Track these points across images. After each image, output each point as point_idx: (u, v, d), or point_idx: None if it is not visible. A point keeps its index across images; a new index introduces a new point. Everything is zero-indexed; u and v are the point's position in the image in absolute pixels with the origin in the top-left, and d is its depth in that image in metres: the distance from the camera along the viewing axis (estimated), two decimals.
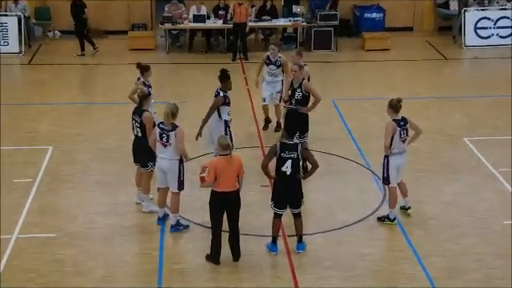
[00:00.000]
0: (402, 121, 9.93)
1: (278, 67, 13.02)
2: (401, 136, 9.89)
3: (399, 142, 9.91)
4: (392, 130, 9.82)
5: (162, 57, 18.80)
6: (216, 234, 9.24)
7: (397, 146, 9.90)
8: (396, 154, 9.93)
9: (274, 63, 13.04)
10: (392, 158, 9.96)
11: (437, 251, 9.68)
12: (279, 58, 13.05)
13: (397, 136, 9.85)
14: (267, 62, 13.11)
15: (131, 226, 10.27)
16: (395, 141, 9.86)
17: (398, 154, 9.96)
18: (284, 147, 9.16)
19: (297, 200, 9.39)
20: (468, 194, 11.26)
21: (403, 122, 9.92)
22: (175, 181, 9.76)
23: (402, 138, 9.92)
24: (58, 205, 10.86)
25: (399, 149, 9.94)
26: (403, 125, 9.90)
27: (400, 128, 9.85)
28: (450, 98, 15.67)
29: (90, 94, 15.83)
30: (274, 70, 13.07)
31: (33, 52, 18.63)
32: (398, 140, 9.88)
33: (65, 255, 9.50)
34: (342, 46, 19.47)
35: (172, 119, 9.57)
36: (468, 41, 19.45)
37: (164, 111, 9.59)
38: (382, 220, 10.34)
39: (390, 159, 9.96)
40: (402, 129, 9.88)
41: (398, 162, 10.01)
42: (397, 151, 9.92)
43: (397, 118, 9.90)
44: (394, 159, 9.96)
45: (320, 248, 9.75)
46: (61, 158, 12.43)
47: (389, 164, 9.98)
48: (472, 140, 13.22)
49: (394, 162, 9.96)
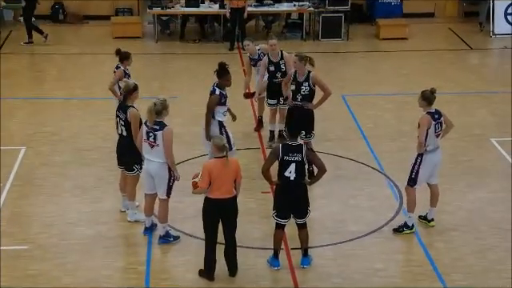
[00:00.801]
0: (437, 113, 10.02)
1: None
2: (435, 130, 9.98)
3: (434, 137, 9.99)
4: (427, 124, 9.90)
5: (150, 46, 18.88)
6: (210, 246, 9.30)
7: (431, 141, 9.98)
8: (431, 151, 10.02)
9: (259, 58, 13.01)
10: (427, 157, 10.03)
11: (459, 267, 9.73)
12: (259, 50, 13.07)
13: (431, 130, 9.93)
14: (253, 64, 13.21)
15: (114, 237, 10.33)
16: (430, 136, 9.94)
17: (433, 152, 10.05)
18: (287, 149, 9.22)
19: (302, 209, 9.45)
20: (495, 203, 11.32)
21: (437, 115, 10.01)
22: (164, 186, 9.82)
23: (437, 132, 10.01)
24: (30, 213, 10.91)
25: (434, 145, 10.02)
26: (438, 118, 9.99)
27: (435, 121, 9.94)
28: (476, 93, 15.74)
29: (68, 87, 15.88)
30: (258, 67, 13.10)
31: (2, 39, 18.69)
32: (432, 135, 9.96)
33: (38, 270, 9.53)
34: (353, 34, 19.54)
35: (157, 117, 9.58)
36: (497, 28, 19.53)
37: (148, 107, 9.61)
38: (400, 231, 10.40)
39: (424, 158, 10.04)
40: (437, 122, 9.98)
41: (434, 160, 10.09)
42: (432, 148, 10.01)
43: (431, 111, 9.99)
44: (429, 157, 10.04)
45: (328, 263, 9.80)
46: (34, 160, 12.48)
47: (421, 163, 10.05)
48: (500, 141, 13.28)
49: (430, 160, 10.04)
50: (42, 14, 20.15)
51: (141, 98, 10.51)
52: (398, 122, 14.11)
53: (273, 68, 12.61)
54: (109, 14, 20.13)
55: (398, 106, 14.93)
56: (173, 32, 19.62)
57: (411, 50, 18.58)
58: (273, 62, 12.60)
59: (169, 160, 9.68)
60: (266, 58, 12.68)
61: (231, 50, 18.29)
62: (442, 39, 19.55)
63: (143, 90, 11.13)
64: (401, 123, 14.00)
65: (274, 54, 12.59)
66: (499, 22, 19.52)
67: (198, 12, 19.09)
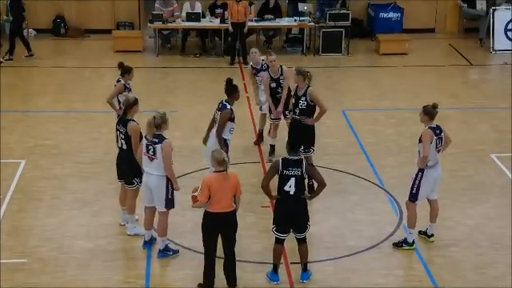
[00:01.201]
0: (438, 129, 10.02)
1: (266, 71, 12.91)
2: (436, 146, 9.98)
3: (434, 153, 9.99)
4: (430, 139, 9.90)
5: (151, 60, 18.91)
6: (209, 261, 9.27)
7: (432, 157, 9.98)
8: (431, 167, 10.01)
9: (261, 69, 13.05)
10: (427, 172, 10.03)
11: (459, 283, 9.70)
12: (263, 60, 13.08)
13: (433, 146, 9.93)
14: (254, 73, 13.20)
15: (114, 251, 10.30)
16: (430, 151, 9.93)
17: (433, 167, 10.04)
18: (287, 163, 9.21)
19: (301, 223, 9.43)
20: (495, 218, 11.30)
21: (439, 131, 10.01)
22: (162, 199, 9.80)
23: (438, 147, 10.01)
24: (30, 226, 10.88)
25: (434, 160, 10.02)
26: (439, 133, 9.99)
27: (436, 137, 9.95)
28: (476, 108, 15.75)
29: (68, 100, 15.89)
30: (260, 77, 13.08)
31: (3, 52, 18.71)
32: (433, 150, 9.96)
33: (37, 284, 9.51)
34: (353, 49, 19.58)
35: (156, 130, 9.60)
36: (497, 44, 19.57)
37: (147, 120, 9.62)
38: (399, 245, 10.38)
39: (424, 173, 10.03)
40: (438, 137, 9.98)
41: (434, 176, 10.09)
42: (432, 163, 10.01)
43: (432, 126, 9.99)
44: (430, 173, 10.03)
45: (327, 277, 9.77)
46: (34, 174, 12.47)
47: (422, 179, 10.05)
48: (500, 156, 13.28)
49: (430, 175, 10.04)
50: (43, 28, 20.23)
51: (141, 112, 10.51)
52: (398, 136, 14.11)
53: (274, 84, 12.62)
54: (110, 27, 20.18)
55: (398, 121, 14.93)
56: (174, 46, 19.66)
57: (411, 66, 18.62)
58: (273, 78, 12.61)
59: (168, 173, 9.67)
60: (267, 75, 12.67)
61: (232, 65, 18.32)
62: (442, 55, 19.59)
63: (143, 104, 11.14)
64: (401, 138, 14.00)
65: (274, 71, 12.60)
66: (499, 38, 19.57)
67: (198, 26, 19.13)
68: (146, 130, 9.67)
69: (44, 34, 20.20)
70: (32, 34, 20.12)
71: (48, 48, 19.48)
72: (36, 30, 20.28)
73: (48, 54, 19.03)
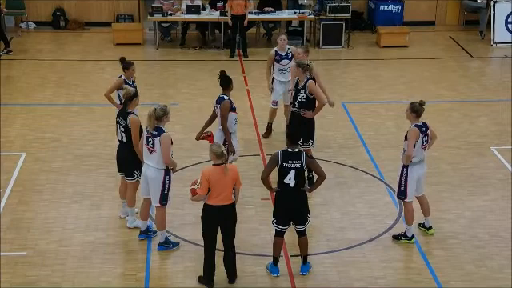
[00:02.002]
0: (424, 126, 10.02)
1: (290, 60, 13.00)
2: (423, 143, 9.98)
3: (420, 150, 10.00)
4: (415, 137, 9.91)
5: (151, 53, 18.90)
6: (209, 253, 9.31)
7: (418, 154, 9.99)
8: (416, 163, 10.02)
9: (286, 57, 13.07)
10: (412, 169, 10.04)
11: (459, 275, 9.74)
12: (289, 49, 13.08)
13: (419, 143, 9.94)
14: (277, 59, 13.14)
15: (114, 244, 10.33)
16: (417, 148, 9.95)
17: (418, 164, 10.05)
18: (286, 156, 9.23)
19: (301, 216, 9.46)
20: (495, 211, 11.32)
21: (425, 128, 10.01)
22: (157, 193, 9.80)
23: (424, 145, 10.02)
24: (30, 219, 10.91)
25: (419, 157, 10.03)
26: (425, 131, 9.99)
27: (422, 134, 9.95)
28: (476, 101, 15.76)
29: (68, 93, 15.90)
30: (288, 65, 13.02)
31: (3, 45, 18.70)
32: (419, 148, 9.97)
33: (37, 276, 9.55)
34: (354, 41, 19.56)
35: (157, 123, 9.62)
36: (497, 37, 19.54)
37: (148, 113, 9.64)
38: (399, 238, 10.42)
39: (409, 170, 10.04)
40: (424, 135, 9.98)
41: (418, 173, 10.09)
42: (417, 160, 10.01)
43: (418, 124, 9.99)
44: (414, 170, 10.05)
45: (327, 270, 9.81)
46: (34, 167, 12.49)
47: (407, 176, 10.06)
48: (500, 149, 13.29)
49: (414, 172, 10.05)
50: (43, 21, 20.22)
51: (141, 105, 10.53)
52: (399, 129, 14.10)
53: None
54: (110, 20, 20.17)
55: (398, 113, 14.91)
56: (173, 39, 19.65)
57: (412, 58, 18.60)
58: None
59: (168, 164, 9.69)
60: (294, 63, 12.45)
61: (232, 57, 18.30)
62: (443, 47, 19.57)
63: (143, 97, 11.17)
64: (401, 131, 13.92)
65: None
66: (500, 31, 19.54)
67: (198, 19, 19.11)
68: (146, 123, 9.69)
69: (44, 26, 20.18)
70: (31, 27, 20.12)
71: (48, 41, 19.47)
72: (36, 22, 20.26)
73: (48, 46, 19.02)
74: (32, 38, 19.49)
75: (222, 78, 10.93)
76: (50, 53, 18.55)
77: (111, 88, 11.73)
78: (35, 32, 20.00)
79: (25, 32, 19.84)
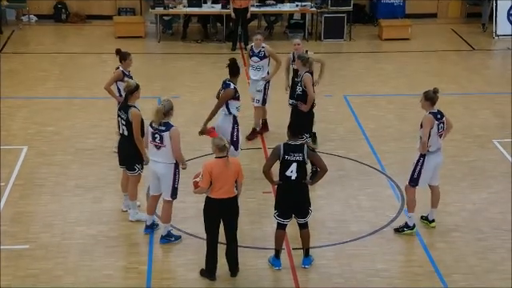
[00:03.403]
0: (439, 113, 10.01)
1: (261, 59, 13.02)
2: (438, 130, 9.96)
3: (436, 138, 9.98)
4: (430, 124, 9.89)
5: (153, 46, 18.89)
6: (211, 246, 9.31)
7: (434, 142, 9.97)
8: (433, 152, 10.01)
9: (257, 54, 13.08)
10: (429, 158, 10.03)
11: (461, 268, 9.75)
12: (263, 47, 13.07)
13: (434, 131, 9.92)
14: (250, 54, 13.16)
15: (116, 237, 10.34)
16: (432, 136, 9.93)
17: (435, 153, 10.04)
18: (288, 148, 9.22)
19: (303, 208, 9.46)
20: (497, 203, 11.32)
21: (440, 115, 10.00)
22: (169, 187, 9.83)
23: (440, 132, 9.99)
24: (32, 212, 10.92)
25: (436, 145, 10.01)
26: (440, 118, 9.98)
27: (437, 121, 9.93)
28: (478, 94, 15.74)
29: (70, 86, 15.90)
30: (258, 63, 13.07)
31: (5, 38, 18.72)
32: (435, 135, 9.95)
33: (40, 270, 9.56)
34: (356, 34, 19.54)
35: (164, 117, 9.62)
36: (500, 29, 19.51)
37: (155, 108, 9.64)
38: (400, 231, 10.42)
39: (426, 159, 10.04)
40: (440, 122, 9.97)
41: (435, 161, 10.09)
42: (434, 149, 10.00)
43: (433, 111, 9.98)
44: (431, 158, 10.04)
45: (329, 263, 9.81)
46: (36, 160, 12.50)
47: (424, 164, 10.05)
48: (502, 142, 13.29)
49: (431, 161, 10.04)
50: (44, 14, 20.21)
51: (142, 98, 10.53)
52: (400, 122, 14.12)
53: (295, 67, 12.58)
54: (111, 13, 20.16)
55: (400, 106, 14.93)
56: (175, 32, 19.63)
57: (413, 51, 18.58)
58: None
59: (178, 159, 9.72)
60: (290, 56, 12.53)
61: (233, 50, 18.29)
62: (445, 40, 19.54)
63: (145, 90, 11.16)
64: (403, 124, 14.01)
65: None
66: (502, 23, 19.51)
67: (200, 12, 19.10)
68: (153, 118, 9.66)
69: (45, 20, 20.17)
70: (33, 20, 20.11)
71: (49, 34, 19.47)
72: (37, 16, 20.26)
73: (49, 40, 19.02)
74: (33, 32, 19.49)
75: (232, 65, 11.03)
76: (52, 46, 18.55)
77: (110, 80, 11.77)
78: (36, 25, 20.00)
79: (26, 25, 19.85)
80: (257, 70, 13.09)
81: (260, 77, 13.07)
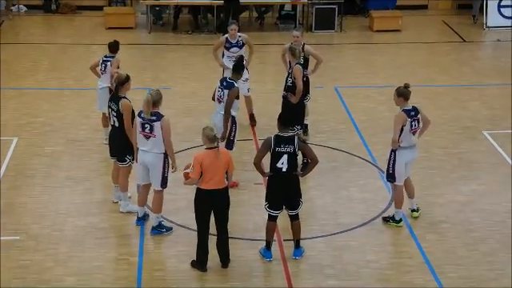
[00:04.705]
0: (413, 110, 10.01)
1: (240, 48, 13.00)
2: (412, 127, 9.97)
3: (409, 135, 9.99)
4: (401, 122, 9.91)
5: (144, 37, 18.83)
6: (202, 238, 9.32)
7: (406, 138, 9.99)
8: (405, 148, 10.02)
9: (236, 44, 13.02)
10: (400, 153, 10.05)
11: (451, 259, 9.78)
12: (239, 37, 13.04)
13: (407, 128, 9.93)
14: (227, 46, 13.05)
15: (107, 228, 10.33)
16: (405, 133, 9.95)
17: (407, 149, 10.05)
18: (279, 140, 9.23)
19: (294, 200, 9.48)
20: (487, 195, 11.36)
21: (414, 112, 10.00)
22: (159, 177, 9.83)
23: (413, 129, 10.00)
24: (22, 204, 10.90)
25: (408, 142, 10.02)
26: (414, 115, 9.98)
27: (410, 118, 9.94)
28: (468, 85, 15.77)
29: (61, 77, 15.85)
30: (238, 53, 12.92)
31: None
32: (407, 132, 9.96)
33: (30, 261, 9.55)
34: (347, 25, 19.53)
35: (153, 108, 9.62)
36: (490, 21, 19.54)
37: (144, 98, 9.63)
38: (387, 220, 10.46)
39: (397, 154, 10.05)
40: (413, 119, 9.97)
41: (407, 158, 10.10)
42: (406, 145, 10.01)
43: (407, 108, 9.98)
44: (403, 154, 10.05)
45: (320, 254, 9.84)
46: (26, 151, 12.47)
47: (395, 160, 10.08)
48: (492, 134, 13.32)
49: (403, 157, 10.05)
50: (34, 4, 20.11)
51: (133, 89, 10.50)
52: (391, 114, 13.98)
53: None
54: (102, 4, 20.09)
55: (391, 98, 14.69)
56: (166, 23, 19.58)
57: (404, 42, 18.59)
58: None
59: (168, 149, 9.71)
60: (286, 46, 12.32)
61: None
62: (436, 31, 19.57)
63: (135, 81, 11.14)
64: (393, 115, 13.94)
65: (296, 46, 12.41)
66: (492, 15, 19.54)
67: (191, 3, 19.06)
68: (143, 108, 9.65)
69: (35, 10, 20.07)
70: (22, 10, 20.01)
71: (39, 24, 19.38)
72: (27, 6, 20.15)
73: (39, 30, 18.94)
74: (23, 22, 19.40)
75: (239, 62, 11.15)
76: (42, 36, 18.47)
77: (96, 63, 12.14)
78: (26, 15, 19.90)
79: (16, 15, 19.74)
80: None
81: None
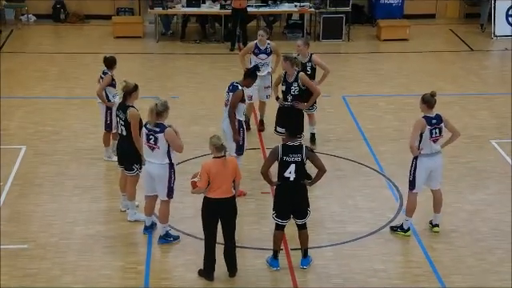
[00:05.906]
0: (435, 118, 9.93)
1: (268, 55, 13.14)
2: (431, 135, 9.91)
3: (429, 142, 9.92)
4: (420, 128, 9.85)
5: (151, 46, 18.86)
6: (209, 247, 9.30)
7: (426, 146, 9.92)
8: (425, 155, 9.97)
9: (265, 51, 13.14)
10: (420, 161, 10.00)
11: (459, 268, 9.74)
12: (268, 44, 13.16)
13: (426, 135, 9.87)
14: (256, 52, 13.19)
15: (114, 237, 10.32)
16: (424, 140, 9.89)
17: (428, 156, 9.98)
18: (286, 149, 9.21)
19: (302, 209, 9.45)
20: (495, 204, 11.31)
21: (436, 120, 9.92)
22: (164, 187, 9.82)
23: (434, 137, 9.94)
24: (30, 212, 10.90)
25: (429, 150, 9.96)
26: (436, 123, 9.90)
27: (431, 126, 9.87)
28: (477, 94, 15.73)
29: (69, 86, 15.88)
30: (265, 60, 13.17)
31: (3, 38, 18.69)
32: (427, 139, 9.90)
33: (38, 269, 9.55)
34: (354, 35, 19.53)
35: (158, 118, 9.58)
36: (498, 30, 19.51)
37: (149, 108, 9.63)
38: (394, 230, 10.42)
39: (418, 161, 10.02)
40: (434, 127, 9.89)
41: (427, 165, 10.02)
42: (426, 152, 9.96)
43: (429, 115, 9.93)
44: (423, 162, 9.99)
45: (328, 263, 9.80)
46: (34, 160, 12.48)
47: (416, 167, 10.04)
48: (500, 143, 13.27)
49: (423, 164, 10.00)
50: (43, 14, 20.17)
51: (141, 98, 10.51)
52: (399, 123, 14.10)
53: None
54: (110, 13, 20.12)
55: (398, 107, 14.92)
56: (174, 32, 19.62)
57: (412, 51, 18.57)
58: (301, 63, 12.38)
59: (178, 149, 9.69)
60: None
61: (232, 51, 18.26)
62: (443, 40, 19.54)
63: (143, 90, 11.14)
64: (401, 124, 13.98)
65: (302, 56, 12.47)
66: (500, 24, 19.51)
67: (199, 12, 19.09)
68: (147, 117, 9.65)
69: (44, 19, 20.14)
70: (31, 20, 20.08)
71: (48, 34, 19.44)
72: (36, 15, 20.22)
73: (48, 39, 18.99)
74: (32, 31, 19.46)
75: (252, 71, 11.22)
76: (50, 46, 18.52)
77: (102, 86, 11.87)
78: (35, 25, 19.96)
79: (25, 25, 19.81)
80: (264, 67, 13.13)
81: (267, 72, 13.17)
